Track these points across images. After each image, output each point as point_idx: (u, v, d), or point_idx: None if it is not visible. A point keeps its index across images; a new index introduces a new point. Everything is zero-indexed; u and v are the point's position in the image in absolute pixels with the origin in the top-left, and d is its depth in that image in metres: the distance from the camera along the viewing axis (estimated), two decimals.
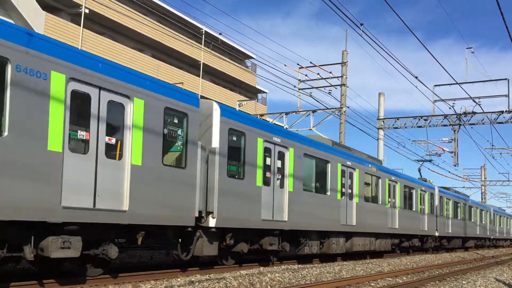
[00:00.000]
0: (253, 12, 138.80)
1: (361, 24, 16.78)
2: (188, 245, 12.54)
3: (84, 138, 9.43)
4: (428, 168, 37.13)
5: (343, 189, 18.85)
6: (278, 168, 15.09)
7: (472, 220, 39.35)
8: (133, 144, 10.28)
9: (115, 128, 10.11)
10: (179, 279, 11.08)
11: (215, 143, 12.78)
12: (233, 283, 10.69)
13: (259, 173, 14.16)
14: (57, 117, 8.80)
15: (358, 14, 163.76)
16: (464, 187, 68.82)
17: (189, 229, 12.14)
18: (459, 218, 35.46)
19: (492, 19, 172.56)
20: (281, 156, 15.24)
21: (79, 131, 9.37)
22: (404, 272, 16.24)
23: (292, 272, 13.43)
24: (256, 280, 11.46)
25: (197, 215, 12.06)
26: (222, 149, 12.90)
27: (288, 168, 15.41)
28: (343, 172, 18.87)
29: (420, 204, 27.52)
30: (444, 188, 34.86)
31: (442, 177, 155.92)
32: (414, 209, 26.52)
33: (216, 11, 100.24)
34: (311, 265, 15.81)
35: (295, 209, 15.57)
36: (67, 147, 9.04)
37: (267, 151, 14.62)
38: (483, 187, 64.58)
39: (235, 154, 13.53)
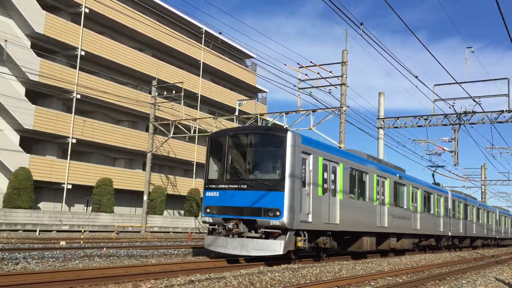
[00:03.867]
0: (258, 11, 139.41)
1: (361, 24, 17.41)
2: None
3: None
4: (429, 168, 38.38)
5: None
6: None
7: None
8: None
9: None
10: (179, 278, 11.46)
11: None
12: (233, 283, 11.04)
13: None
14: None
15: (364, 13, 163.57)
16: (464, 186, 69.81)
17: None
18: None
19: (497, 19, 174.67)
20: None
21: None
22: (404, 271, 16.62)
23: (292, 271, 13.75)
24: (256, 279, 11.78)
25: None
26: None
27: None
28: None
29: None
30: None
31: (442, 177, 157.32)
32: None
33: (218, 11, 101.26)
34: (311, 264, 16.42)
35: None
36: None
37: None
38: (483, 186, 66.08)
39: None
